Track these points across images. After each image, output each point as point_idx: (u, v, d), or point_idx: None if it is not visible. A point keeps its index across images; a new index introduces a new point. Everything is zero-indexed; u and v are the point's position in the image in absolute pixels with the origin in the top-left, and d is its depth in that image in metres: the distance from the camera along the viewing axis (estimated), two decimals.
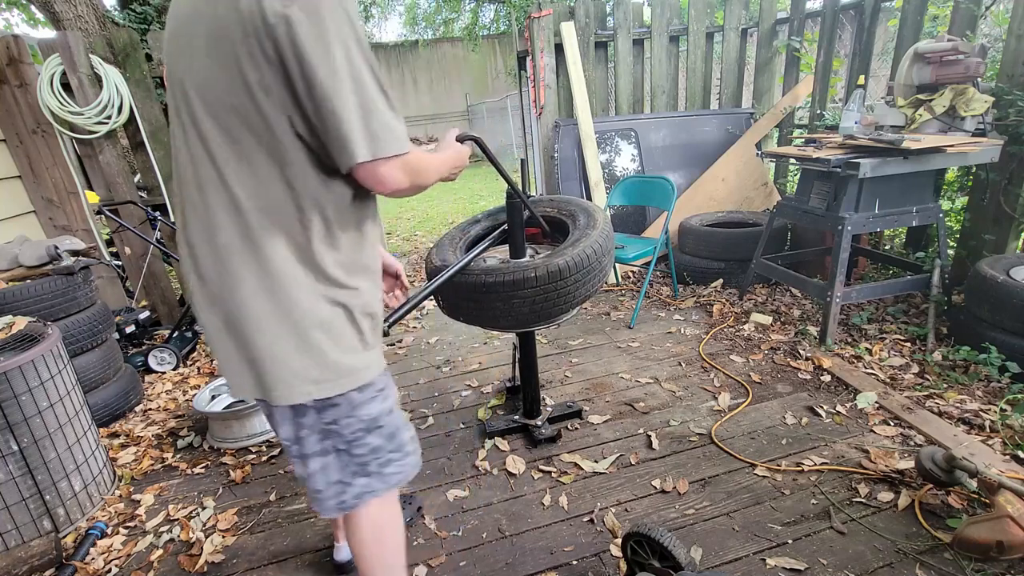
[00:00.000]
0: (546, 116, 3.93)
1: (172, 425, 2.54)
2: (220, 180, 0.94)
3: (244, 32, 0.86)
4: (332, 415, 1.05)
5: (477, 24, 13.78)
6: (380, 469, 1.12)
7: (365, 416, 1.07)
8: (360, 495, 1.12)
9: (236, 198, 0.94)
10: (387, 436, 1.12)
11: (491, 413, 2.39)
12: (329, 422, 1.06)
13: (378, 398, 1.09)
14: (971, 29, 2.66)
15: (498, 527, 1.75)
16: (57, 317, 2.39)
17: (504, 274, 1.63)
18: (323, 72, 0.86)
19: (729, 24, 3.96)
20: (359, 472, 1.10)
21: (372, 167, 0.92)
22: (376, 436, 1.10)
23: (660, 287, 3.70)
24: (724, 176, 3.94)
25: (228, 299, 0.98)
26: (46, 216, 3.29)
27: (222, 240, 0.95)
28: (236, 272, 0.96)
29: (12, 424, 1.70)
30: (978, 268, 2.34)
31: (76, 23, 4.72)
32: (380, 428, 1.10)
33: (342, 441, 1.07)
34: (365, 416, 1.07)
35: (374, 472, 1.11)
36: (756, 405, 2.26)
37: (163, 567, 1.71)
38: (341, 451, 1.08)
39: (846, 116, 2.72)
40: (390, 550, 1.21)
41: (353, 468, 1.10)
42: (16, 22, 8.60)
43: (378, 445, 1.11)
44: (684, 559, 1.29)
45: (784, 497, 1.75)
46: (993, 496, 1.48)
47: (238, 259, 0.96)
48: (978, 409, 2.03)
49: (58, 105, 3.05)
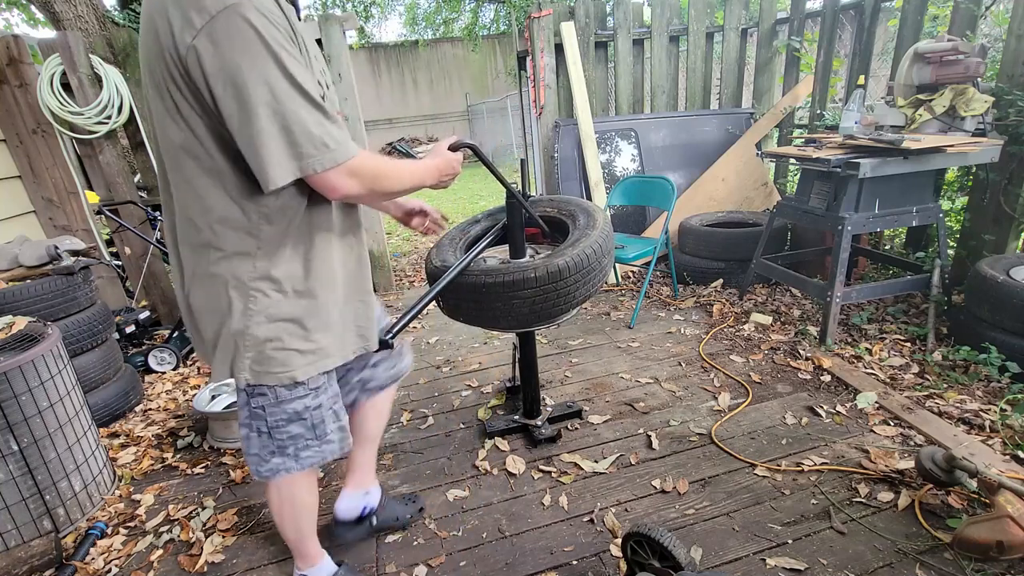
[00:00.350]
0: (546, 116, 3.93)
1: (172, 425, 2.54)
2: (172, 198, 1.08)
3: (165, 63, 0.92)
4: (259, 402, 1.17)
5: (477, 24, 13.77)
6: (297, 453, 1.23)
7: (289, 409, 1.18)
8: (274, 471, 1.24)
9: (186, 211, 1.05)
10: (309, 427, 1.22)
11: (491, 413, 2.39)
12: (256, 407, 1.18)
13: (307, 396, 1.19)
14: (971, 29, 2.66)
15: (498, 527, 1.75)
16: (57, 317, 2.39)
17: (504, 274, 1.63)
18: (232, 103, 0.90)
19: (729, 24, 3.96)
20: (276, 452, 1.22)
21: (316, 178, 0.98)
22: (298, 426, 1.21)
23: (660, 287, 3.70)
24: (724, 176, 3.95)
25: (188, 292, 1.13)
26: (46, 216, 3.29)
27: (181, 242, 1.10)
28: (190, 270, 1.10)
29: (12, 424, 1.70)
30: (978, 268, 2.34)
31: (76, 23, 4.72)
32: (303, 420, 1.20)
33: (264, 425, 1.19)
34: (289, 409, 1.18)
35: (290, 455, 1.23)
36: (756, 405, 2.26)
37: (163, 567, 1.71)
38: (263, 433, 1.20)
39: (846, 116, 2.72)
40: (288, 521, 1.37)
41: (271, 448, 1.22)
42: (16, 22, 8.61)
43: (298, 433, 1.22)
44: (684, 559, 1.29)
45: (784, 497, 1.75)
46: (993, 496, 1.48)
47: (192, 260, 1.09)
48: (978, 409, 2.03)
49: (58, 105, 3.05)
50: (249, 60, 0.88)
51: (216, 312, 1.10)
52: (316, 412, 1.21)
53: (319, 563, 1.49)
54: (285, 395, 1.16)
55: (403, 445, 2.23)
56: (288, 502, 1.35)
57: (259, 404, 1.17)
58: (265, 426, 1.19)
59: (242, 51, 0.88)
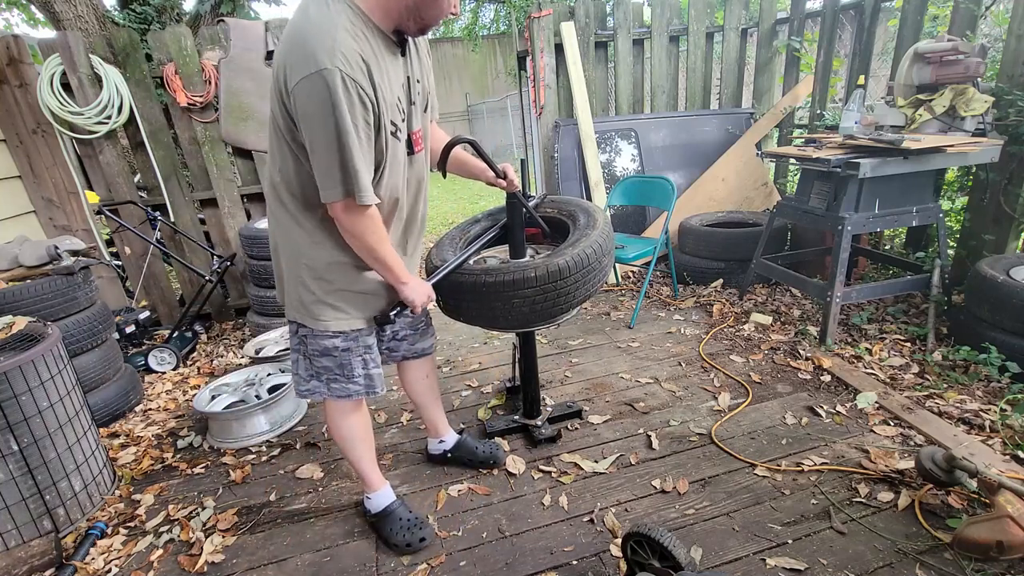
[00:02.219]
0: (546, 116, 3.93)
1: (172, 425, 2.54)
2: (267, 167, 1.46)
3: (279, 92, 1.26)
4: (303, 332, 1.53)
5: (477, 24, 13.76)
6: (327, 382, 1.56)
7: (320, 345, 1.52)
8: (310, 392, 1.58)
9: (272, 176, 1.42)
10: (337, 365, 1.54)
11: (491, 413, 2.39)
12: (301, 335, 1.54)
13: (336, 339, 1.51)
14: (971, 29, 2.66)
15: (498, 527, 1.75)
16: (57, 317, 2.39)
17: (504, 274, 1.63)
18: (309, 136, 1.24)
19: (729, 24, 3.96)
20: (313, 376, 1.56)
21: (330, 205, 1.31)
22: (328, 360, 1.54)
23: (660, 287, 3.70)
24: (724, 176, 3.94)
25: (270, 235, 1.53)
26: (46, 216, 3.29)
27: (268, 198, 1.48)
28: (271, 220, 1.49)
29: (12, 424, 1.70)
30: (978, 268, 2.34)
31: (76, 23, 4.73)
32: (332, 357, 1.53)
33: (306, 351, 1.55)
34: (320, 345, 1.52)
35: (322, 382, 1.56)
36: (756, 405, 2.26)
37: (163, 567, 1.71)
38: (305, 357, 1.56)
39: (846, 116, 2.71)
40: (346, 449, 1.70)
41: (311, 372, 1.56)
42: (16, 22, 8.61)
43: (328, 366, 1.54)
44: (684, 559, 1.29)
45: (784, 497, 1.75)
46: (993, 496, 1.48)
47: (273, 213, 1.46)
48: (978, 409, 2.03)
49: (58, 105, 3.05)
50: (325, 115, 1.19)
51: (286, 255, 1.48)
52: (344, 354, 1.53)
53: (380, 490, 1.76)
54: (318, 332, 1.50)
55: (403, 445, 2.23)
56: (337, 431, 1.67)
57: (302, 334, 1.53)
58: (306, 351, 1.54)
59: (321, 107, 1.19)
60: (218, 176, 3.47)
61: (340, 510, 1.89)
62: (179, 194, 3.48)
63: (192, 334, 3.44)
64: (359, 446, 1.70)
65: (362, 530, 1.79)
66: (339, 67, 1.16)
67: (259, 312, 3.31)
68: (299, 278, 1.46)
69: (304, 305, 1.48)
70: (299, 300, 1.48)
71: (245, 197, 3.61)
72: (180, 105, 3.25)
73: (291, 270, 1.46)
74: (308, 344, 1.53)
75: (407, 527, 1.69)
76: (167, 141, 3.39)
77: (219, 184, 3.48)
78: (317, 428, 2.41)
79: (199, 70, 3.24)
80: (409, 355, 1.83)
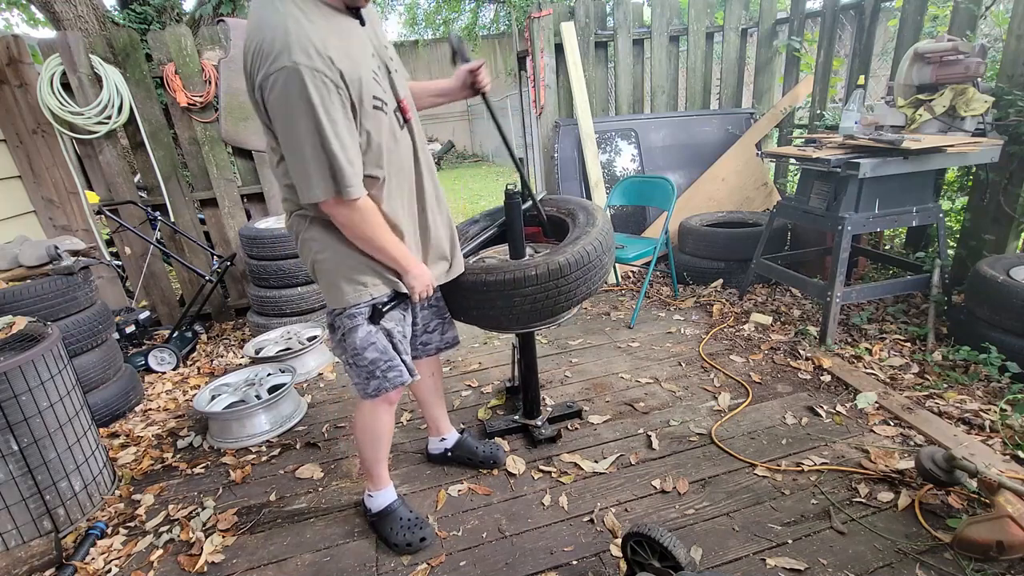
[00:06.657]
0: (546, 116, 3.93)
1: (172, 425, 2.54)
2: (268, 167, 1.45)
3: (251, 86, 1.24)
4: (341, 331, 1.52)
5: (477, 24, 13.77)
6: (383, 375, 1.54)
7: (356, 341, 1.49)
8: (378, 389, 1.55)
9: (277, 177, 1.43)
10: (380, 351, 1.51)
11: (491, 413, 2.39)
12: (342, 339, 1.53)
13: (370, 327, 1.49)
14: (971, 29, 2.66)
15: (498, 527, 1.75)
16: (57, 317, 2.39)
17: (505, 272, 1.63)
18: (281, 139, 1.25)
19: (729, 24, 3.96)
20: (370, 376, 1.53)
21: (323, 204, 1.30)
22: (371, 352, 1.51)
23: (660, 287, 3.70)
24: (724, 176, 3.94)
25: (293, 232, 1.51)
26: (46, 216, 3.29)
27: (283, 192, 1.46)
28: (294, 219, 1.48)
29: (12, 424, 1.70)
30: (978, 268, 2.34)
31: (76, 23, 4.72)
32: (373, 345, 1.50)
33: (351, 356, 1.53)
34: (356, 341, 1.49)
35: (379, 376, 1.53)
36: (756, 405, 2.26)
37: (163, 567, 1.71)
38: (354, 364, 1.54)
39: (846, 116, 2.72)
40: (368, 443, 1.69)
41: (365, 373, 1.53)
42: (16, 22, 8.60)
43: (373, 359, 1.51)
44: (684, 559, 1.29)
45: (784, 497, 1.75)
46: (993, 496, 1.48)
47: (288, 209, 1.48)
48: (978, 409, 2.03)
49: (58, 105, 3.05)
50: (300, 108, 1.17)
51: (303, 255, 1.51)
52: (380, 337, 1.51)
53: (384, 488, 1.77)
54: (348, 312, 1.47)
55: (403, 445, 2.23)
56: (372, 430, 1.65)
57: (341, 335, 1.52)
58: (352, 360, 1.52)
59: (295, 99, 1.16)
60: (218, 176, 3.47)
61: (340, 510, 1.89)
62: (179, 194, 3.48)
63: (192, 334, 3.44)
64: (385, 444, 1.71)
65: (362, 530, 1.79)
66: (297, 62, 1.12)
67: (259, 312, 3.31)
68: (329, 259, 1.43)
69: (348, 281, 1.44)
70: (337, 279, 1.44)
71: (245, 197, 3.61)
72: (180, 105, 3.25)
73: (321, 254, 1.43)
74: (348, 344, 1.50)
75: (407, 527, 1.69)
76: (167, 141, 3.39)
77: (219, 184, 3.49)
78: (317, 428, 2.41)
79: (199, 70, 3.25)
80: (442, 346, 1.86)
